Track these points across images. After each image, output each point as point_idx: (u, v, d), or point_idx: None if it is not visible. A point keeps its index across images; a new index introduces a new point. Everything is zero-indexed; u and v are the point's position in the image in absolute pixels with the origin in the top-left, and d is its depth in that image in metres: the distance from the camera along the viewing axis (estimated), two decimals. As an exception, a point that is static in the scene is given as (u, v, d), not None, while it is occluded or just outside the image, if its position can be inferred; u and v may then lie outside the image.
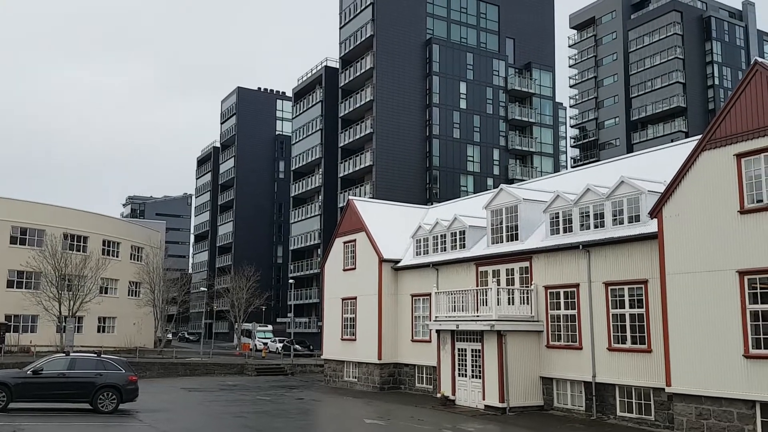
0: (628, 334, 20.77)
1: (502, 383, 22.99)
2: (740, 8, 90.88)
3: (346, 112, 67.66)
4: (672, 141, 73.27)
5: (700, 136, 18.96)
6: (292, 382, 37.04)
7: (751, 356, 16.25)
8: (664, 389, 18.80)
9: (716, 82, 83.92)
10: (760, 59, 17.46)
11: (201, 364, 43.48)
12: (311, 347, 59.46)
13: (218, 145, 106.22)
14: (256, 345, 60.84)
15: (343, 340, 34.06)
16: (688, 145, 22.02)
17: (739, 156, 17.08)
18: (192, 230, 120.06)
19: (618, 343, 21.06)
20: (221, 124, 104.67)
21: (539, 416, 22.36)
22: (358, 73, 66.03)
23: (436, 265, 29.35)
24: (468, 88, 66.31)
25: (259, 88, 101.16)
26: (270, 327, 72.89)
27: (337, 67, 71.38)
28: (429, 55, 65.19)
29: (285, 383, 36.33)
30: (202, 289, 69.53)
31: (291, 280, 70.06)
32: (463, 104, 65.87)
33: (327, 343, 35.77)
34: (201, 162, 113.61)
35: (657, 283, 19.27)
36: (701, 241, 17.73)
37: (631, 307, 20.77)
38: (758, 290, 16.33)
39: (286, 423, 20.81)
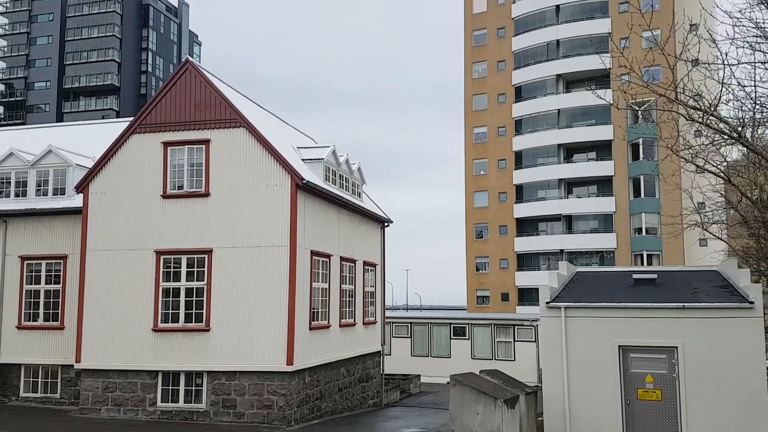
0: (42, 311, 19.90)
1: None
2: (176, 5, 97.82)
3: None
4: (104, 117, 73.37)
5: (132, 118, 19.68)
6: None
7: (159, 330, 17.77)
8: (73, 366, 18.72)
9: (150, 69, 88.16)
10: (191, 59, 19.31)
11: None
12: None
13: None
14: None
15: None
16: (120, 125, 22.53)
17: (166, 144, 18.47)
18: None
19: (29, 320, 19.93)
20: None
21: None
22: None
23: None
24: None
25: None
26: None
27: None
28: None
29: None
30: None
31: None
32: None
33: None
34: None
35: (77, 258, 19.06)
36: (125, 220, 18.41)
37: (47, 283, 19.95)
38: (171, 269, 18.01)
39: None
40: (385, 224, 25.12)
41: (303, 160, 19.94)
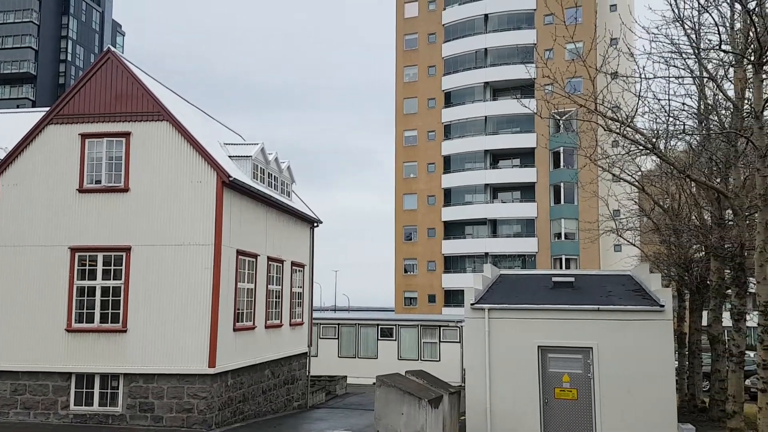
0: (-58, 310, 18.60)
1: None
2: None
3: None
4: (18, 107, 69.72)
5: (49, 108, 18.75)
6: None
7: (73, 330, 16.97)
8: (-22, 368, 17.63)
9: (69, 58, 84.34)
10: (113, 48, 18.58)
11: None
12: None
13: None
14: None
15: None
16: (36, 115, 21.40)
17: (84, 136, 17.69)
18: None
19: (-72, 321, 18.59)
20: None
21: None
22: None
23: None
24: None
25: None
26: None
27: None
28: None
29: None
30: None
31: None
32: None
33: None
34: None
35: (-15, 255, 17.97)
36: (39, 215, 17.51)
37: (-51, 280, 18.67)
38: (87, 267, 17.25)
39: None
40: (315, 224, 24.96)
41: (230, 156, 19.53)
